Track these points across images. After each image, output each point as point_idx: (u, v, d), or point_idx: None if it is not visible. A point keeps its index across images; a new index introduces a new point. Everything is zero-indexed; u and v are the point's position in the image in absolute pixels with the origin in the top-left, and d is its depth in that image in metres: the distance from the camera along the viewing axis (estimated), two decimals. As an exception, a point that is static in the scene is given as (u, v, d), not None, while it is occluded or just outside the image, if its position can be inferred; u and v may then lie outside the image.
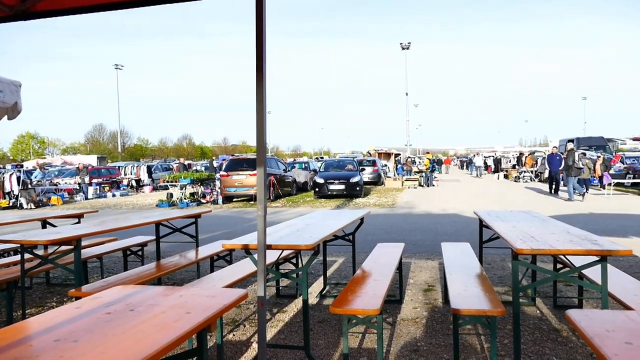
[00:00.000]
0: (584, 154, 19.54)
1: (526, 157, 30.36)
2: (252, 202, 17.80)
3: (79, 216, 6.71)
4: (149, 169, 30.49)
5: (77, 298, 3.59)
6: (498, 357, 3.68)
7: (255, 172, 17.70)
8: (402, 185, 25.16)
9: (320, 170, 21.54)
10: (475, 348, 3.92)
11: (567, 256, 4.04)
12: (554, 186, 18.59)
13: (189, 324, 1.75)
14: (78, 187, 23.10)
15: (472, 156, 51.73)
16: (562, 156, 17.60)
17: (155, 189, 27.48)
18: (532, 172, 28.70)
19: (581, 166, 16.44)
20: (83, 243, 5.11)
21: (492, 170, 40.32)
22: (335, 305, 3.29)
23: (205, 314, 1.88)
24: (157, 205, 17.93)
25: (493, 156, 45.70)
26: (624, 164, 22.63)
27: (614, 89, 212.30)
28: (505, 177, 31.60)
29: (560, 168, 17.92)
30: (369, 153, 36.58)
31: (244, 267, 4.75)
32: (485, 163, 41.38)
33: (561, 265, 4.54)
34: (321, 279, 6.07)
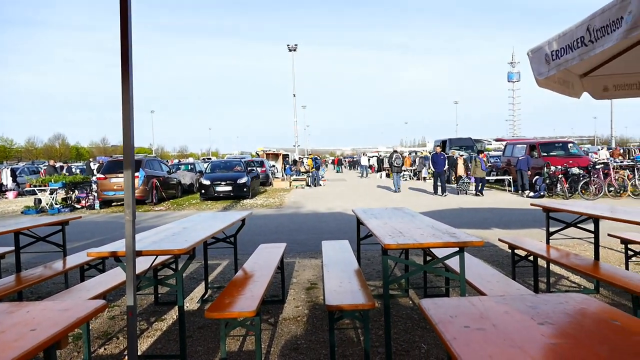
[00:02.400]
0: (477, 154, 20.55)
1: (404, 157, 32.27)
2: (133, 206, 16.81)
3: None
4: (12, 172, 27.53)
5: None
6: (372, 348, 3.86)
7: (138, 174, 16.92)
8: (290, 185, 25.43)
9: (207, 171, 21.01)
10: (353, 341, 4.06)
11: (432, 249, 4.35)
12: (439, 184, 18.53)
13: (32, 343, 1.60)
14: None
15: (357, 157, 53.81)
16: (446, 155, 18.80)
17: (20, 194, 24.90)
18: (411, 170, 30.60)
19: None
20: None
21: (376, 169, 42.26)
22: (211, 309, 3.22)
23: (53, 330, 1.73)
24: (22, 213, 16.25)
25: (377, 156, 47.92)
26: (489, 162, 24.98)
27: (481, 94, 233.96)
28: (387, 176, 33.31)
29: (444, 168, 18.84)
30: (257, 154, 36.48)
31: (116, 275, 4.47)
32: (369, 163, 43.22)
33: (430, 258, 4.88)
34: (203, 283, 5.92)
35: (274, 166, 31.49)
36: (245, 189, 18.70)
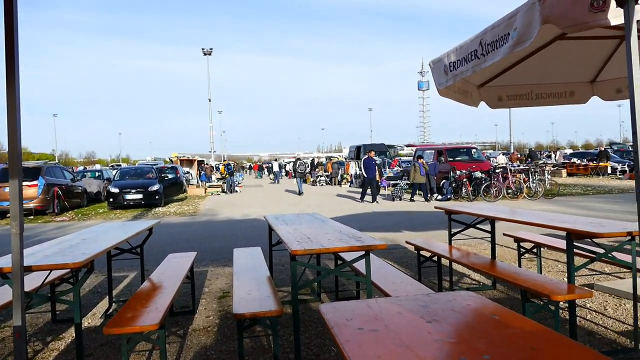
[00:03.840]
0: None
1: (327, 162, 32.78)
2: (32, 217, 15.59)
3: None
4: None
5: None
6: (283, 354, 3.85)
7: (32, 182, 15.69)
8: (206, 192, 24.86)
9: (115, 178, 19.98)
10: (264, 348, 4.03)
11: (340, 253, 4.44)
12: (368, 191, 17.68)
13: None
14: None
15: (268, 164, 53.73)
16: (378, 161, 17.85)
17: None
18: (326, 176, 31.08)
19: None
20: None
21: (292, 175, 42.44)
22: (110, 325, 3.05)
23: None
24: None
25: (305, 162, 48.09)
26: (400, 167, 26.02)
27: (394, 102, 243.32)
28: (304, 181, 33.59)
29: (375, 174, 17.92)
30: (171, 160, 35.32)
31: (4, 293, 4.11)
32: (284, 168, 43.36)
33: (341, 262, 4.98)
34: (107, 297, 5.60)
35: (188, 173, 30.62)
36: (157, 197, 18.01)
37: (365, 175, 17.53)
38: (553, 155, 38.75)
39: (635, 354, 3.58)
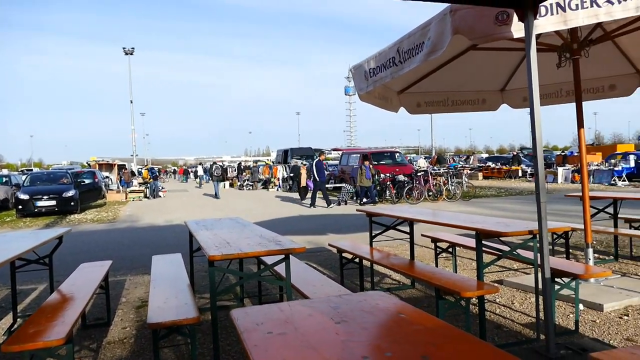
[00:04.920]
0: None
1: (264, 166, 32.48)
2: None
3: None
4: None
5: None
6: (202, 363, 3.76)
7: None
8: (127, 197, 23.82)
9: (25, 184, 18.63)
10: (184, 357, 3.92)
11: (262, 257, 4.41)
12: (319, 196, 17.14)
13: None
14: None
15: (194, 168, 52.54)
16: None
17: None
18: (251, 180, 30.83)
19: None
20: None
21: (220, 179, 41.69)
22: (10, 342, 2.83)
23: None
24: None
25: (221, 166, 47.28)
26: (327, 170, 26.34)
27: (322, 106, 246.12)
28: (231, 185, 33.16)
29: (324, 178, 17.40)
30: (89, 164, 33.53)
31: None
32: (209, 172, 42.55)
33: (264, 266, 4.94)
34: (12, 312, 5.20)
35: (108, 177, 29.19)
36: (72, 203, 17.01)
37: (318, 178, 16.89)
38: (469, 159, 40.88)
39: (537, 343, 3.84)
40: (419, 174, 18.03)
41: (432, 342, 1.45)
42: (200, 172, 37.89)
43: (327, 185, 21.69)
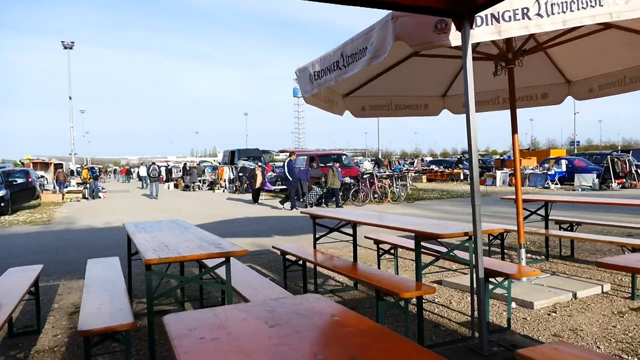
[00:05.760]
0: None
1: (219, 167, 31.79)
2: None
3: None
4: None
5: None
6: (138, 370, 3.65)
7: None
8: (63, 198, 22.76)
9: (-51, 184, 17.42)
10: (117, 366, 3.78)
11: (203, 260, 4.34)
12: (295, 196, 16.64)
13: None
14: None
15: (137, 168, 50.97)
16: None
17: None
18: (200, 181, 30.28)
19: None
20: None
21: (164, 179, 40.69)
22: None
23: None
24: None
25: (166, 166, 46.13)
26: (274, 172, 26.24)
27: (269, 105, 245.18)
28: (175, 186, 32.40)
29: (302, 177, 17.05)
30: (22, 163, 31.79)
31: None
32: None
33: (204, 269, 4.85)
34: None
35: (43, 177, 27.77)
36: (2, 204, 16.08)
37: (290, 178, 16.55)
38: (415, 162, 41.97)
39: (472, 341, 3.99)
40: (364, 177, 18.30)
41: (362, 343, 1.48)
42: (143, 172, 36.75)
43: (274, 187, 21.61)
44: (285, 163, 16.79)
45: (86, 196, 23.68)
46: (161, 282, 5.99)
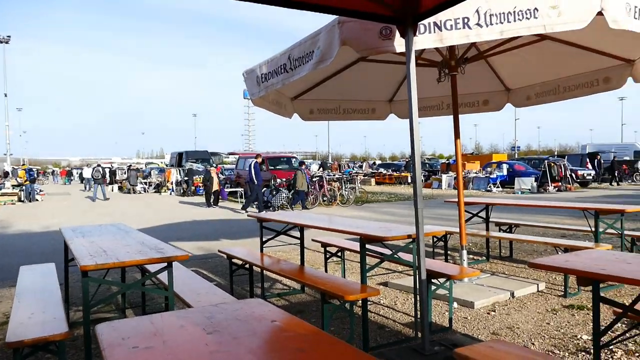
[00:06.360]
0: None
1: (167, 170, 30.89)
2: None
3: None
4: None
5: None
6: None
7: None
8: (-3, 201, 21.51)
9: None
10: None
11: (144, 265, 4.21)
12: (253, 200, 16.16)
13: None
14: None
15: (79, 169, 49.01)
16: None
17: None
18: (146, 183, 29.47)
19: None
20: None
21: (108, 182, 39.23)
22: None
23: None
24: None
25: (110, 167, 44.51)
26: (223, 175, 25.90)
27: (218, 106, 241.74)
28: (120, 189, 31.37)
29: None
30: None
31: None
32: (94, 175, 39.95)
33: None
34: None
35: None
36: None
37: (255, 181, 15.96)
38: (363, 166, 42.61)
39: (415, 341, 4.07)
40: (314, 180, 18.36)
41: (301, 348, 1.47)
42: (86, 174, 35.23)
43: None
44: (252, 165, 16.20)
45: (22, 199, 22.49)
46: (101, 289, 5.77)
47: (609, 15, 3.54)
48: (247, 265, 5.41)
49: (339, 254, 6.17)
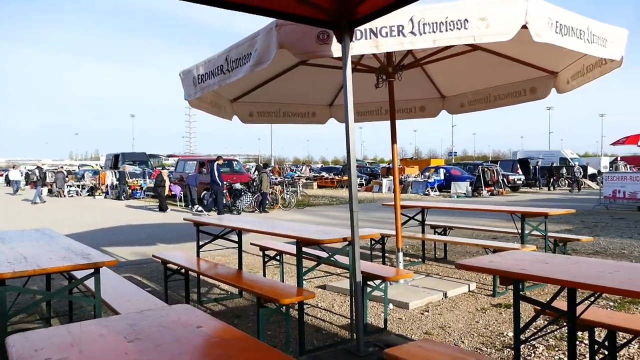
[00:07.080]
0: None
1: (101, 172, 29.49)
2: None
3: None
4: None
5: None
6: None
7: None
8: None
9: None
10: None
11: (69, 272, 4.01)
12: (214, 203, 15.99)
13: None
14: None
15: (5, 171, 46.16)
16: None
17: None
18: (79, 186, 28.17)
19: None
20: None
21: (35, 185, 37.15)
22: None
23: None
24: None
25: (39, 169, 42.11)
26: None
27: (158, 107, 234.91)
28: (50, 192, 29.78)
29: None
30: None
31: None
32: (28, 177, 37.81)
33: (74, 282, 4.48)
34: None
35: None
36: None
37: (219, 183, 15.80)
38: (303, 169, 42.82)
39: (351, 343, 4.12)
40: (255, 183, 18.20)
41: (226, 354, 1.45)
42: (14, 176, 33.08)
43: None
44: (215, 167, 15.92)
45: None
46: (24, 298, 5.44)
47: (532, 29, 3.74)
48: (182, 270, 5.27)
49: (278, 257, 6.15)
